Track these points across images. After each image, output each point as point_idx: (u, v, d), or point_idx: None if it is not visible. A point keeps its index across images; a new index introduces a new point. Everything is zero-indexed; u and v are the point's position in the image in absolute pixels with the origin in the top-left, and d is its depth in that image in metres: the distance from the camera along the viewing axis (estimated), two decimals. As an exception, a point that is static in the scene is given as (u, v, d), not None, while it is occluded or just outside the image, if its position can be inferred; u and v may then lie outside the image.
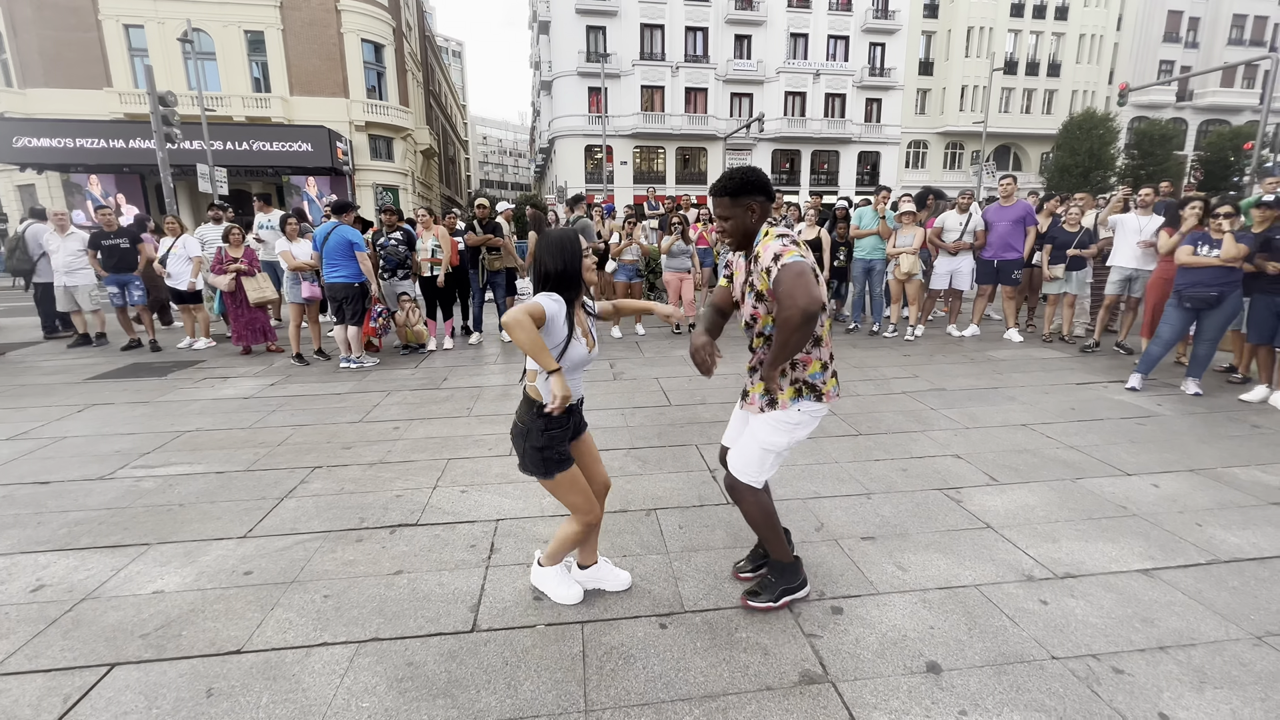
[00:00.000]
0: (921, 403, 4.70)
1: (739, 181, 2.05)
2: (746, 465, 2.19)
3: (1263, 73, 35.59)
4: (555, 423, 2.05)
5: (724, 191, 2.06)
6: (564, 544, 2.24)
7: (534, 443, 2.04)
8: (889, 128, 35.22)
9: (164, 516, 3.04)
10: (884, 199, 7.49)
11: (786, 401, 2.09)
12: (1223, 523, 2.87)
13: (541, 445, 2.04)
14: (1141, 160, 30.18)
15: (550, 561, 2.31)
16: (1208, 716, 1.77)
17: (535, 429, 2.03)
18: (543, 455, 2.05)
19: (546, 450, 2.05)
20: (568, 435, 2.13)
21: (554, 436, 2.06)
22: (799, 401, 2.10)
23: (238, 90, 24.26)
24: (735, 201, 2.05)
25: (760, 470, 2.17)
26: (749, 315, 2.12)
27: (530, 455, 2.06)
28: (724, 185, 2.06)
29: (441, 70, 48.08)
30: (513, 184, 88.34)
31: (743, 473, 2.19)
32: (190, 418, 4.59)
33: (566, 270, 2.00)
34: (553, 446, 2.06)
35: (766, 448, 2.14)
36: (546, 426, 2.03)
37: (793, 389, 2.10)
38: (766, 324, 2.09)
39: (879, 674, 1.95)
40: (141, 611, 2.29)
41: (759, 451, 2.15)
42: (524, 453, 2.08)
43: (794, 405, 2.09)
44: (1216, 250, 4.48)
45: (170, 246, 6.97)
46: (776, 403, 2.10)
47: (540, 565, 2.34)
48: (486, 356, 6.59)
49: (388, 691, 1.89)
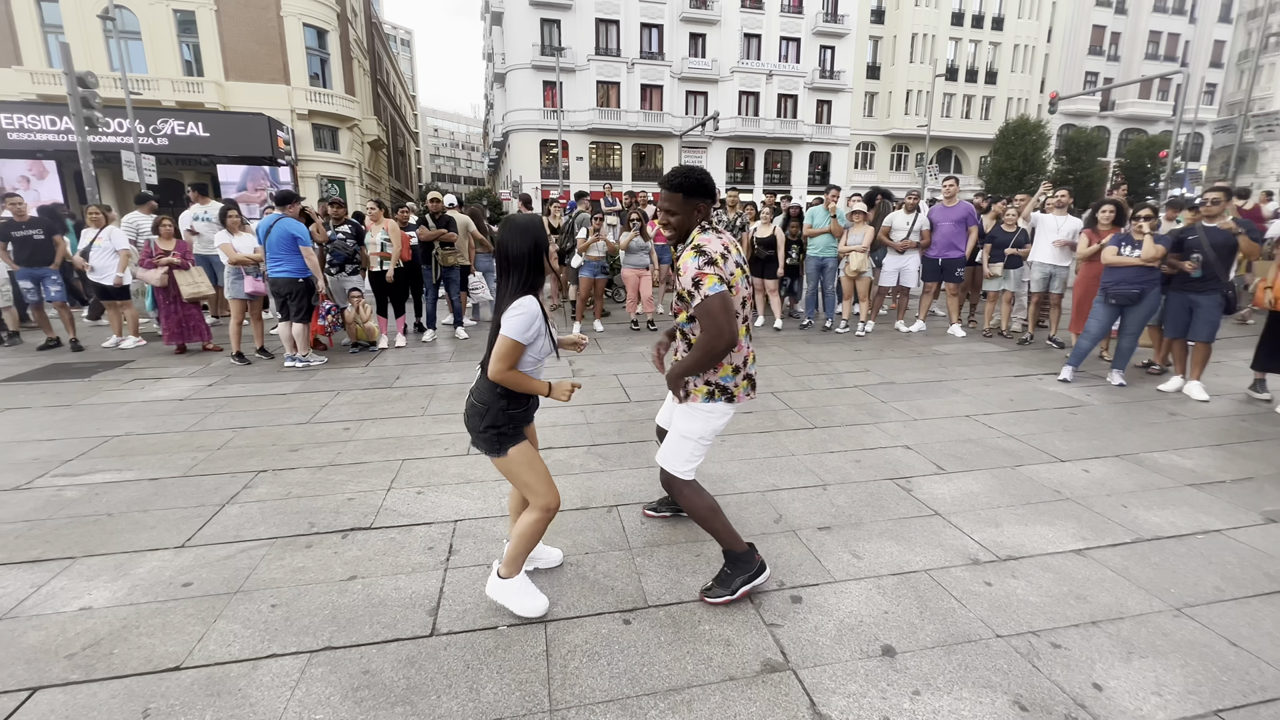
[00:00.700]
0: (873, 396, 4.86)
1: (694, 182, 2.10)
2: (669, 455, 2.26)
3: (1175, 86, 38.40)
4: (516, 404, 2.04)
5: (678, 189, 2.10)
6: (526, 540, 2.14)
7: (491, 422, 2.02)
8: (839, 129, 36.19)
9: (90, 527, 2.83)
10: (834, 198, 7.68)
11: (698, 397, 2.17)
12: (1145, 504, 3.09)
13: (501, 425, 2.02)
14: (1070, 165, 32.07)
15: (511, 569, 2.18)
16: (1135, 685, 1.90)
17: (496, 408, 2.01)
18: (499, 433, 2.03)
19: (503, 428, 2.04)
20: (526, 420, 2.14)
21: (514, 418, 2.05)
22: (710, 402, 2.17)
23: (166, 73, 22.81)
24: (686, 200, 2.11)
25: (681, 459, 2.24)
26: (671, 310, 2.26)
27: (483, 433, 2.04)
28: (679, 182, 2.10)
29: (389, 59, 46.53)
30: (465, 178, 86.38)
31: (668, 463, 2.26)
32: (119, 421, 4.29)
33: (533, 253, 1.98)
34: (510, 425, 2.05)
35: (684, 435, 2.21)
36: (507, 407, 2.02)
37: (704, 389, 2.16)
38: (683, 319, 2.18)
39: (837, 659, 2.01)
40: (66, 630, 2.13)
41: (677, 439, 2.24)
42: (480, 431, 2.04)
43: (702, 402, 2.17)
44: (1138, 251, 4.80)
45: (94, 238, 6.49)
46: (688, 397, 2.19)
47: (499, 577, 2.20)
48: (440, 354, 6.42)
49: (343, 702, 1.82)
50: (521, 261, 1.98)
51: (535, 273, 2.01)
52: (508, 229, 2.02)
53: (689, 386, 2.17)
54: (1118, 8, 39.48)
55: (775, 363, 5.93)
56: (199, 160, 21.90)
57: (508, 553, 2.17)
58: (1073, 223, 6.22)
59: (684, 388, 2.17)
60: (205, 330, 6.46)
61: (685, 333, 2.21)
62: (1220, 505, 3.07)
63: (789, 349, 6.52)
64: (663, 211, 2.17)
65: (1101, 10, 39.12)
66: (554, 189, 28.73)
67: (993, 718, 1.77)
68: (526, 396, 2.08)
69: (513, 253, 1.98)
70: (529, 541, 2.15)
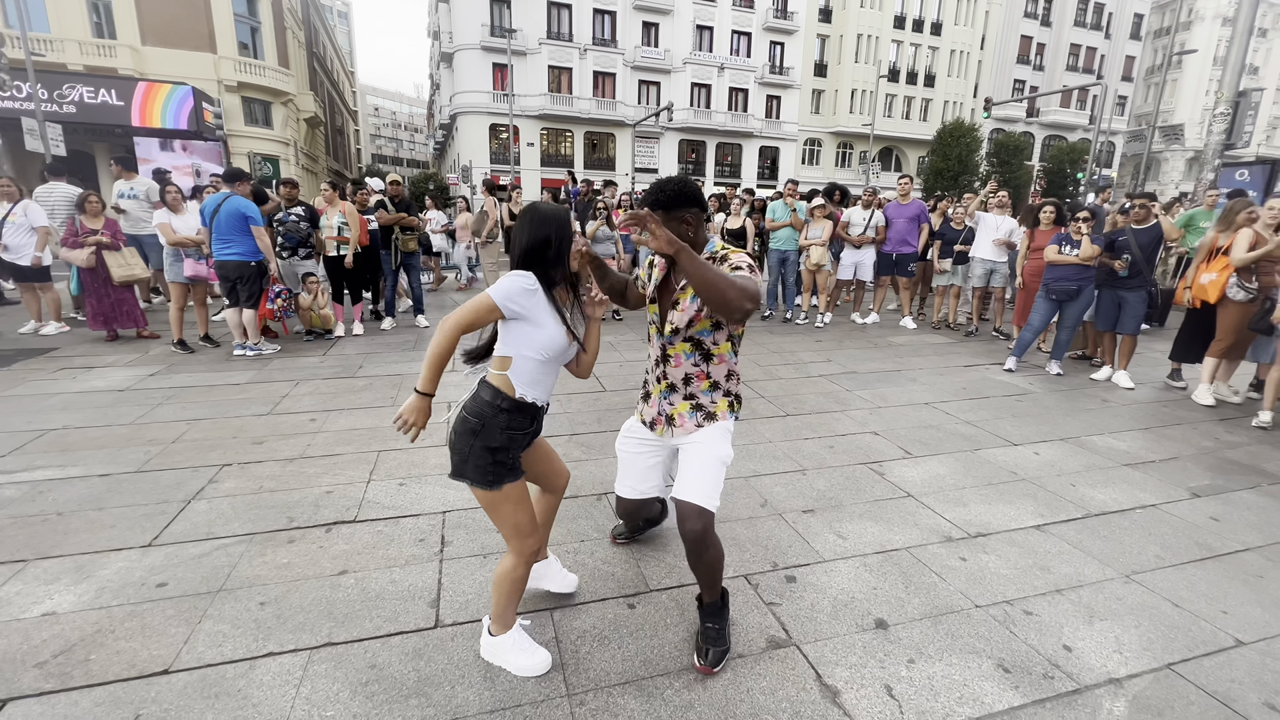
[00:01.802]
0: (838, 385, 5.06)
1: (671, 194, 1.89)
2: (706, 488, 1.91)
3: (1092, 97, 41.31)
4: (518, 422, 1.75)
5: (656, 205, 1.90)
6: (508, 592, 1.84)
7: (489, 441, 1.70)
8: (787, 124, 36.98)
9: (39, 528, 2.62)
10: (790, 191, 7.86)
11: (725, 413, 2.02)
12: (1090, 483, 3.37)
13: (497, 446, 1.71)
14: (1000, 168, 33.99)
15: (501, 626, 1.89)
16: (1099, 644, 2.09)
17: (495, 425, 1.71)
18: (494, 458, 1.71)
19: (500, 453, 1.72)
20: (527, 442, 1.84)
21: (514, 438, 1.75)
22: (733, 416, 2.05)
23: (73, 34, 20.84)
24: (669, 215, 1.89)
25: (717, 488, 1.94)
26: (686, 319, 1.92)
27: (478, 457, 1.71)
28: (655, 198, 1.91)
29: (326, 31, 44.10)
30: (408, 160, 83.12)
31: (705, 497, 1.90)
32: (52, 414, 3.95)
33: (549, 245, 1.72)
34: (509, 449, 1.75)
35: (719, 459, 1.96)
36: (508, 424, 1.72)
37: (725, 402, 2.02)
38: (704, 327, 1.93)
39: (836, 634, 2.11)
40: (31, 638, 1.98)
41: (716, 465, 1.95)
42: (470, 452, 1.71)
43: (730, 416, 2.04)
44: (1077, 250, 5.18)
45: (7, 213, 5.89)
46: (715, 416, 2.00)
47: (490, 635, 1.91)
48: (402, 343, 6.22)
49: (353, 697, 1.78)
50: (534, 254, 1.72)
51: (553, 268, 1.74)
52: (526, 218, 1.76)
53: (710, 408, 2.00)
54: (1043, 20, 41.98)
55: (742, 353, 6.04)
56: (112, 130, 20.15)
57: (493, 610, 1.89)
58: (1010, 223, 6.65)
59: (704, 410, 2.00)
60: (140, 316, 6.00)
61: (701, 342, 1.96)
62: (1153, 483, 3.39)
63: (753, 339, 6.68)
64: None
65: (1029, 21, 41.51)
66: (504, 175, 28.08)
67: (981, 680, 1.91)
68: (529, 418, 1.79)
69: (526, 244, 1.72)
70: (512, 593, 1.85)
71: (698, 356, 1.98)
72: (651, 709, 1.77)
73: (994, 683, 1.90)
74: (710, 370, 1.99)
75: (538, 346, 1.71)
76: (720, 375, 2.00)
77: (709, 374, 1.99)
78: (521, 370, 1.73)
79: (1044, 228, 5.93)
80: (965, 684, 1.89)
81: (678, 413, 2.02)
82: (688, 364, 1.99)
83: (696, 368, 1.99)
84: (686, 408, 2.01)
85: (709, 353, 1.97)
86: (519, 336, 1.71)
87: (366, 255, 6.41)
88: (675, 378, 2.02)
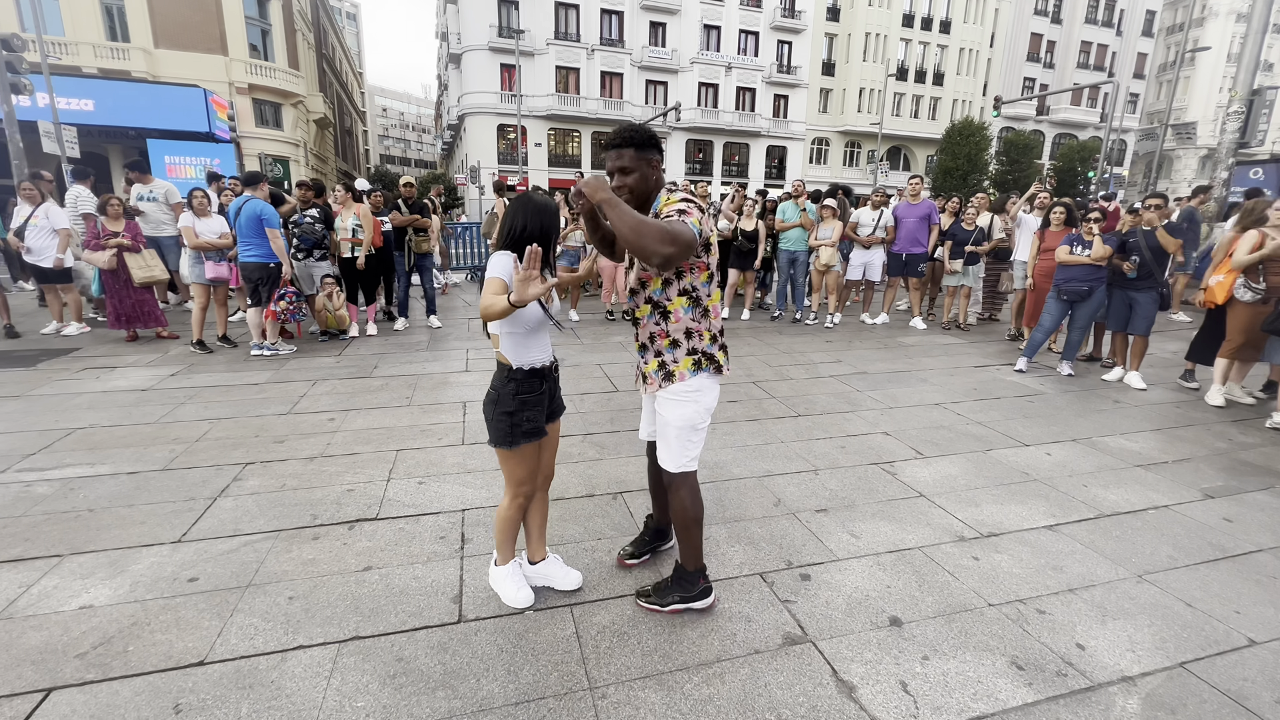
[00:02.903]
0: (848, 385, 5.09)
1: (645, 135, 1.94)
2: (669, 453, 2.08)
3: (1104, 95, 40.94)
4: (527, 386, 1.99)
5: (630, 143, 1.91)
6: (504, 530, 2.17)
7: (505, 407, 1.98)
8: (795, 124, 36.92)
9: (72, 524, 2.69)
10: (798, 190, 7.85)
11: (685, 373, 2.02)
12: (1102, 483, 3.39)
13: (512, 409, 1.98)
14: (1009, 167, 33.78)
15: (501, 556, 2.24)
16: (1112, 643, 2.12)
17: (507, 394, 1.98)
18: (511, 420, 1.98)
19: (516, 415, 1.98)
20: (543, 403, 2.05)
21: (525, 401, 1.99)
22: (698, 374, 2.03)
23: (87, 37, 21.08)
24: (640, 154, 1.92)
25: (684, 453, 2.07)
26: (636, 280, 2.03)
27: (499, 421, 1.99)
28: (629, 137, 1.92)
29: (335, 33, 44.39)
30: (416, 160, 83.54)
31: (671, 462, 2.08)
32: (78, 413, 4.05)
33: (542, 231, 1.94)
34: (522, 411, 1.99)
35: (679, 426, 2.04)
36: (517, 391, 1.98)
37: (690, 360, 2.02)
38: (656, 288, 1.99)
39: (851, 631, 2.15)
40: (70, 630, 2.05)
41: (674, 432, 2.05)
42: (491, 419, 2.01)
43: (691, 375, 2.02)
44: (1088, 250, 5.18)
45: (29, 216, 6.01)
46: (674, 376, 2.02)
47: (495, 565, 2.27)
48: (415, 343, 6.29)
49: (381, 689, 1.84)
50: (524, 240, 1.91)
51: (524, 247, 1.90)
52: (519, 205, 1.95)
53: (670, 368, 2.01)
54: (1054, 17, 41.69)
55: (752, 353, 6.09)
56: (126, 133, 20.38)
57: (496, 541, 2.22)
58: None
59: (663, 371, 2.02)
60: (159, 316, 6.10)
61: (657, 301, 2.00)
62: (1165, 484, 3.40)
63: (763, 340, 6.71)
64: (617, 173, 1.94)
65: (1039, 19, 41.23)
66: (512, 175, 28.20)
67: (995, 676, 1.95)
68: (539, 380, 2.02)
69: (519, 228, 1.92)
70: (506, 529, 2.17)
71: (658, 315, 2.03)
72: (672, 702, 1.81)
73: (1008, 680, 1.93)
74: (669, 329, 2.02)
75: (521, 322, 1.95)
76: (679, 333, 2.01)
77: (668, 332, 2.03)
78: (509, 345, 1.99)
79: (1054, 228, 5.93)
80: (979, 680, 1.93)
81: (649, 371, 2.08)
82: (650, 324, 2.05)
83: (658, 326, 2.03)
84: (654, 366, 2.06)
85: (666, 310, 2.01)
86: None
87: (380, 256, 6.49)
88: (644, 337, 2.09)
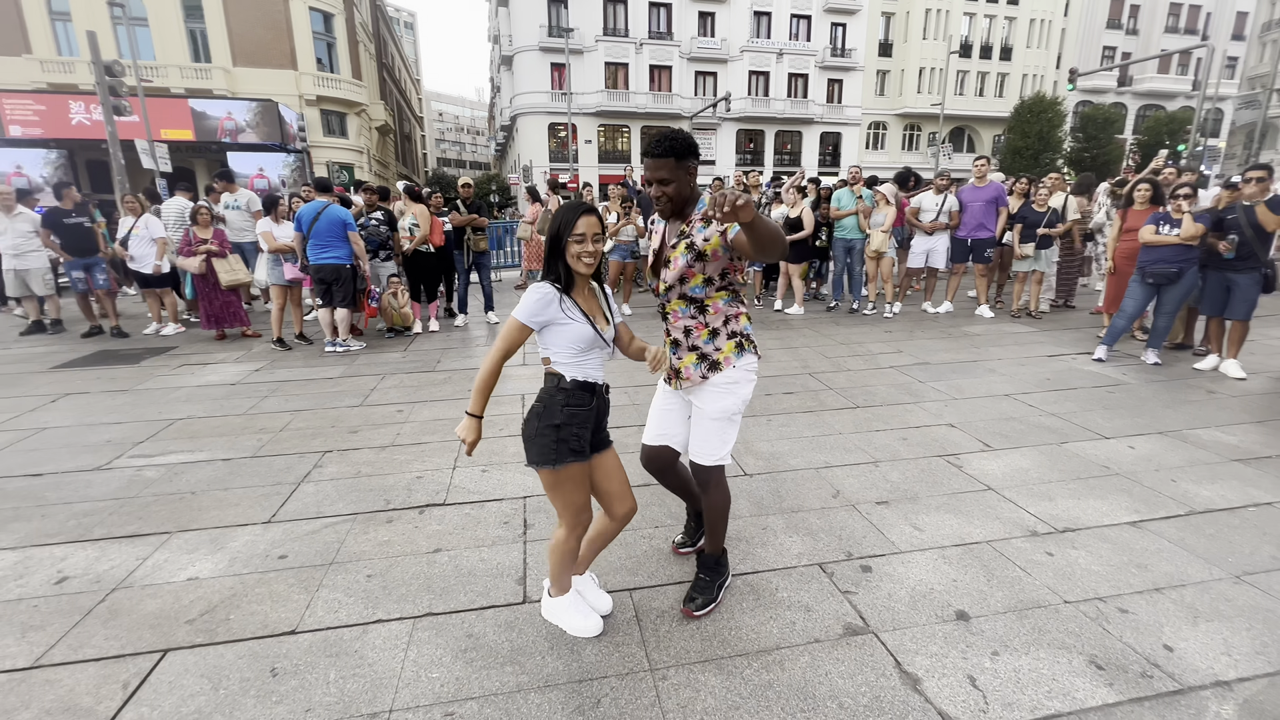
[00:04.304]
0: (909, 376, 4.93)
1: (684, 144, 1.94)
2: (708, 446, 2.06)
3: (1196, 60, 37.61)
4: (577, 399, 1.85)
5: (670, 152, 1.92)
6: (562, 562, 2.00)
7: (551, 419, 1.82)
8: (850, 109, 35.73)
9: (177, 505, 2.96)
10: (854, 177, 7.63)
11: (731, 357, 2.03)
12: (1194, 478, 3.16)
13: (559, 423, 1.82)
14: (1086, 144, 31.58)
15: (559, 589, 2.06)
16: (1204, 646, 1.99)
17: (555, 404, 1.83)
18: (558, 434, 1.81)
19: (564, 429, 1.82)
20: (590, 422, 1.88)
21: (574, 415, 1.84)
22: (741, 356, 2.04)
23: (174, 60, 22.76)
24: (680, 164, 1.94)
25: (723, 445, 2.07)
26: (678, 275, 2.00)
27: (543, 435, 1.81)
28: (670, 146, 1.92)
29: (394, 42, 46.16)
30: (471, 162, 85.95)
31: (709, 456, 2.06)
32: (178, 405, 4.42)
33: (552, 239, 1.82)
34: (570, 426, 1.83)
35: (718, 417, 2.04)
36: (567, 402, 1.83)
37: (732, 343, 2.04)
38: (697, 283, 2.00)
39: (915, 623, 2.11)
40: (180, 599, 2.26)
41: (715, 425, 2.05)
42: (535, 433, 1.83)
43: (737, 359, 2.03)
44: (1177, 229, 4.81)
45: (131, 227, 6.59)
46: (719, 365, 2.02)
47: (550, 596, 2.09)
48: (474, 339, 6.52)
49: (454, 662, 1.94)
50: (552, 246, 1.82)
51: (553, 259, 1.83)
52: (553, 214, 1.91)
53: (713, 357, 2.02)
54: (1137, -21, 38.58)
55: (807, 344, 5.99)
56: (209, 147, 21.94)
57: (550, 573, 2.07)
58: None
59: (706, 362, 2.02)
60: (244, 316, 6.58)
61: (695, 298, 2.02)
62: (1269, 480, 3.14)
63: (819, 331, 6.57)
64: (656, 184, 1.96)
65: (1120, -18, 38.25)
66: (563, 173, 28.61)
67: (1072, 675, 1.87)
68: (590, 392, 1.87)
69: (549, 236, 1.84)
70: (564, 562, 2.00)
71: (693, 309, 2.05)
72: (732, 686, 1.83)
73: (1086, 679, 1.85)
74: (707, 320, 2.04)
75: (566, 342, 1.83)
76: (718, 322, 2.04)
77: (707, 323, 2.04)
78: (563, 365, 1.86)
79: (1139, 207, 5.53)
80: (1054, 679, 1.85)
81: (684, 365, 2.06)
82: (685, 318, 2.06)
83: (694, 320, 2.05)
84: (692, 360, 2.05)
85: (703, 305, 2.04)
86: (550, 337, 1.85)
87: (440, 255, 6.75)
88: (677, 333, 2.09)
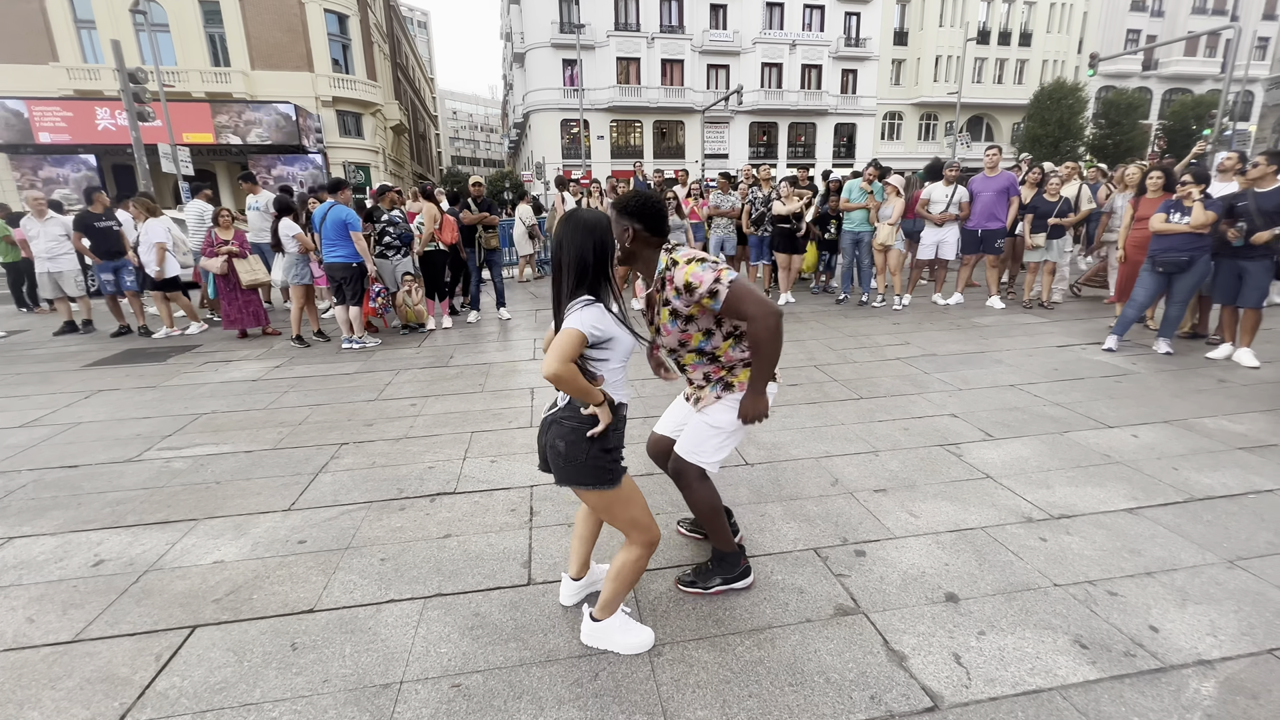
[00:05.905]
0: (915, 367, 4.95)
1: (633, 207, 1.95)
2: (691, 442, 2.16)
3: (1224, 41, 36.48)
4: (619, 419, 1.80)
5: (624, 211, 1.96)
6: (627, 582, 1.91)
7: (605, 443, 1.75)
8: (864, 99, 35.32)
9: (203, 494, 3.12)
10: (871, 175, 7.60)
11: (746, 382, 2.07)
12: (1196, 466, 3.17)
13: (612, 446, 1.78)
14: (1109, 130, 30.88)
15: (606, 613, 1.96)
16: (1190, 627, 2.03)
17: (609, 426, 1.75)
18: (612, 458, 1.78)
19: (615, 451, 1.79)
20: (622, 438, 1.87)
21: (620, 432, 1.82)
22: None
23: (195, 64, 23.25)
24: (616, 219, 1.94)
25: (705, 450, 2.13)
26: (676, 340, 2.07)
27: (596, 459, 1.74)
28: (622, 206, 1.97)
29: (408, 42, 46.55)
30: (485, 160, 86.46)
31: (692, 453, 2.15)
32: (203, 400, 4.61)
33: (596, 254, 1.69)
34: (621, 447, 1.82)
35: (719, 427, 2.10)
36: (616, 425, 1.78)
37: (747, 370, 2.08)
38: (699, 340, 2.05)
39: (904, 604, 2.17)
40: (208, 580, 2.40)
41: (712, 433, 2.12)
42: (588, 457, 1.73)
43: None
44: (1187, 217, 4.76)
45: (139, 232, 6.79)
46: (733, 386, 2.09)
47: (594, 620, 1.98)
48: (486, 335, 6.66)
49: (461, 638, 2.05)
50: (581, 265, 1.68)
51: (597, 278, 1.71)
52: (568, 225, 1.70)
53: (730, 379, 2.08)
54: (1162, -41, 37.53)
55: (815, 336, 6.03)
56: (229, 150, 22.40)
57: (604, 597, 1.94)
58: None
59: (724, 382, 2.09)
60: (264, 315, 6.78)
61: (705, 351, 2.07)
62: (1272, 467, 3.13)
63: (826, 323, 6.60)
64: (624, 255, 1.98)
65: (1144, -37, 37.24)
66: (576, 169, 28.70)
67: (1055, 653, 1.92)
68: (624, 412, 1.84)
69: (571, 254, 1.68)
70: (630, 583, 1.91)
71: (705, 359, 2.12)
72: (724, 661, 1.92)
73: (1069, 657, 1.91)
74: (721, 361, 2.10)
75: (620, 355, 1.77)
76: (735, 359, 2.09)
77: (721, 364, 2.11)
78: (612, 382, 1.78)
79: (1151, 195, 5.46)
80: (1038, 656, 1.91)
81: (703, 394, 2.17)
82: (701, 368, 2.15)
83: (710, 365, 2.12)
84: (709, 389, 2.15)
85: (714, 355, 2.10)
86: (604, 352, 1.74)
87: (453, 252, 6.89)
88: (695, 377, 2.19)
